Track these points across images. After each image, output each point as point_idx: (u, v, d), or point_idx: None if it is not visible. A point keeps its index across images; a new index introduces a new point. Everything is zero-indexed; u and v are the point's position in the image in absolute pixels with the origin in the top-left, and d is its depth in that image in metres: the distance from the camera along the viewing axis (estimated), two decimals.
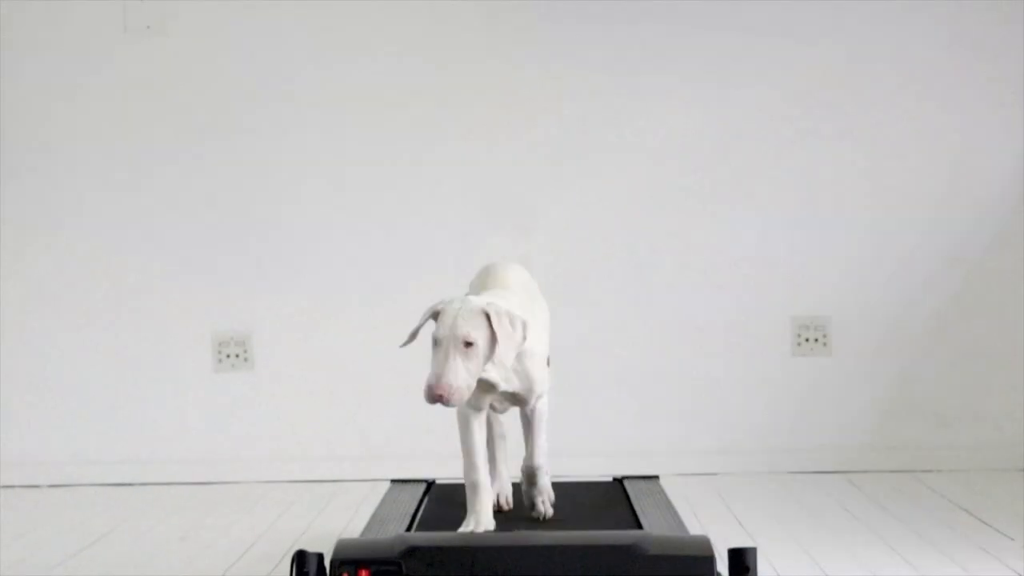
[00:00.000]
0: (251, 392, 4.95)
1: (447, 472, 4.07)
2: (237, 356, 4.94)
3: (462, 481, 3.24)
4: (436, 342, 3.07)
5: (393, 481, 3.92)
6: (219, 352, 4.94)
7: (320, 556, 2.82)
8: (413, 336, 3.17)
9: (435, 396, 3.02)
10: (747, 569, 2.76)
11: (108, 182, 4.94)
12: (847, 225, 4.92)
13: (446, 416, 5.14)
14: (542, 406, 3.32)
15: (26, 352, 4.94)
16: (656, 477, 3.94)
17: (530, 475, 3.36)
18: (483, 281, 3.44)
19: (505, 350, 3.09)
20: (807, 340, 4.92)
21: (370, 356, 4.93)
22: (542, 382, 3.26)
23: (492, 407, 3.31)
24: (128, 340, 4.94)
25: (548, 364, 3.32)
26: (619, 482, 3.87)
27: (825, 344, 4.92)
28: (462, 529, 3.11)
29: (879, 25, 4.89)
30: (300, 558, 2.81)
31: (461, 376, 3.03)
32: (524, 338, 3.14)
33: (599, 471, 4.35)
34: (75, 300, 4.94)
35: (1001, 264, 4.90)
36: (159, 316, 4.94)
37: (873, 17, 4.89)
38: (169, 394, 4.95)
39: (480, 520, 3.14)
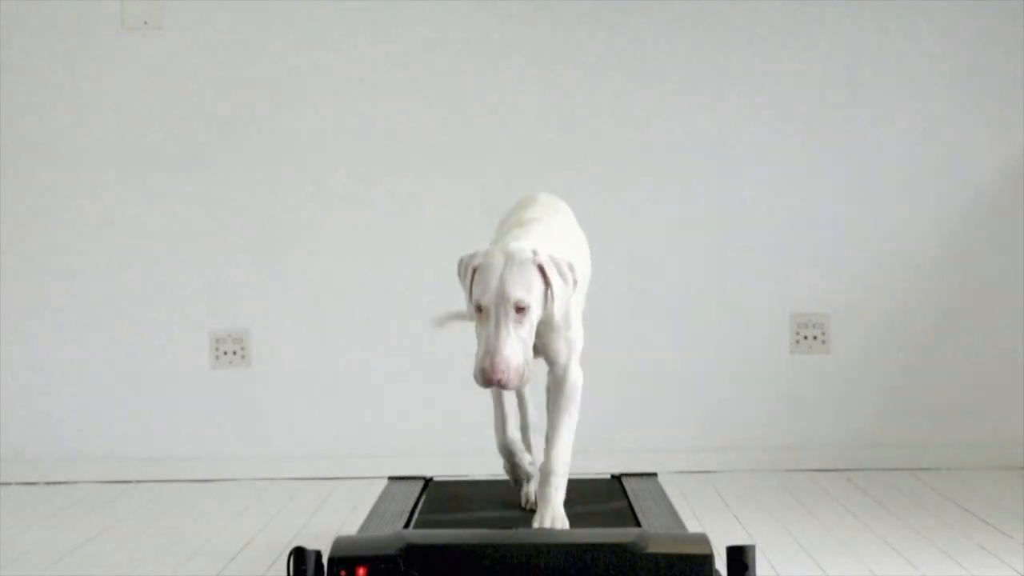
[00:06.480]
0: (248, 389, 4.94)
1: (445, 469, 4.06)
2: (235, 353, 4.93)
3: (460, 478, 3.22)
4: (480, 309, 2.57)
5: (391, 478, 3.91)
6: (216, 349, 4.93)
7: (318, 553, 2.81)
8: (469, 312, 2.60)
9: (491, 380, 2.50)
10: (745, 567, 2.75)
11: (105, 179, 4.92)
12: (846, 223, 4.91)
13: (444, 412, 5.13)
14: (575, 379, 2.93)
15: (23, 349, 4.93)
16: (654, 474, 3.94)
17: (543, 479, 3.00)
18: (519, 215, 2.95)
19: (559, 303, 2.61)
20: (806, 338, 4.91)
21: (367, 353, 4.92)
22: (576, 334, 2.88)
23: None
24: (125, 337, 4.93)
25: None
26: (617, 479, 3.86)
27: (824, 342, 4.92)
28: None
29: (879, 25, 4.88)
30: (298, 555, 2.80)
31: (519, 351, 2.50)
32: (576, 283, 2.70)
33: (597, 468, 4.34)
34: (72, 297, 4.93)
35: (1000, 262, 4.89)
36: (156, 313, 4.93)
37: (873, 17, 4.88)
38: (166, 391, 4.94)
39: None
